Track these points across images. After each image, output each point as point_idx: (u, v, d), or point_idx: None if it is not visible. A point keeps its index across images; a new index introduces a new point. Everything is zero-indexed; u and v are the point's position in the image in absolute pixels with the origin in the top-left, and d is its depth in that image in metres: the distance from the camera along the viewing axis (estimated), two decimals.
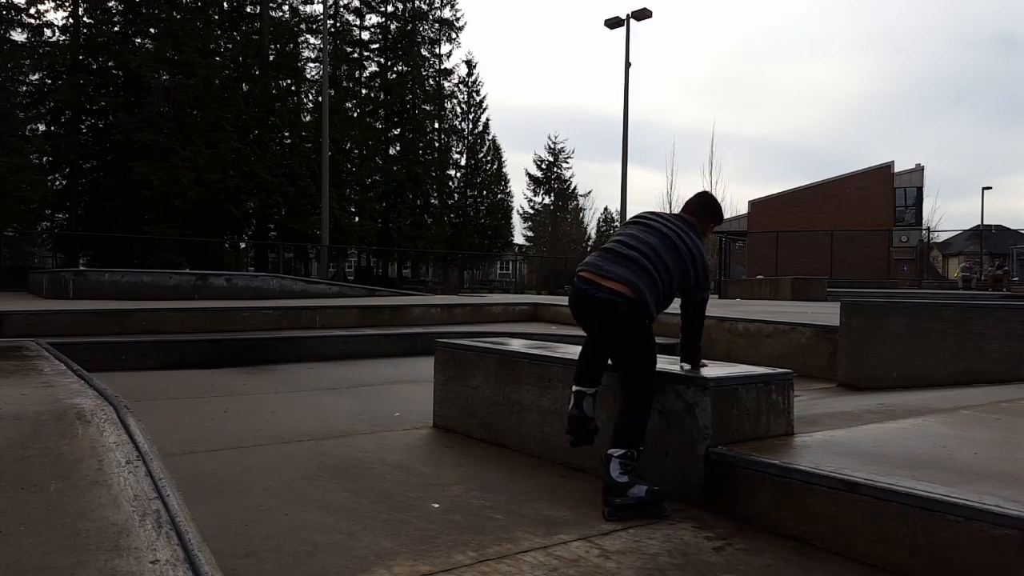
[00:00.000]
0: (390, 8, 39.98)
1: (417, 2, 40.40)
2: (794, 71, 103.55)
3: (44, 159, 29.71)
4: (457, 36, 42.32)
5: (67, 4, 29.31)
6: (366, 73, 40.24)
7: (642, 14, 26.43)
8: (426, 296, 18.66)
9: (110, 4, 29.96)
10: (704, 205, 3.40)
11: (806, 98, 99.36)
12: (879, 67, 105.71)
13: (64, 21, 29.75)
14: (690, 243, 3.16)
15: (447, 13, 41.48)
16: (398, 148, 40.22)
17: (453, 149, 44.16)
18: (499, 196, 45.79)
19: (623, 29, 26.93)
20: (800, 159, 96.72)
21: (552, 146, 51.19)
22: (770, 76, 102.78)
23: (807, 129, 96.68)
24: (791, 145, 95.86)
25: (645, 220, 3.28)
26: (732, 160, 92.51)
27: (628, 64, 27.20)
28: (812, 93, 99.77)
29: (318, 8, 35.80)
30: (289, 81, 34.95)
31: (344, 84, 37.85)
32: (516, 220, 48.44)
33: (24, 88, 29.40)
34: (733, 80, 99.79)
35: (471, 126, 45.18)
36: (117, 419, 2.74)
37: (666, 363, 3.62)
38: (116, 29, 29.74)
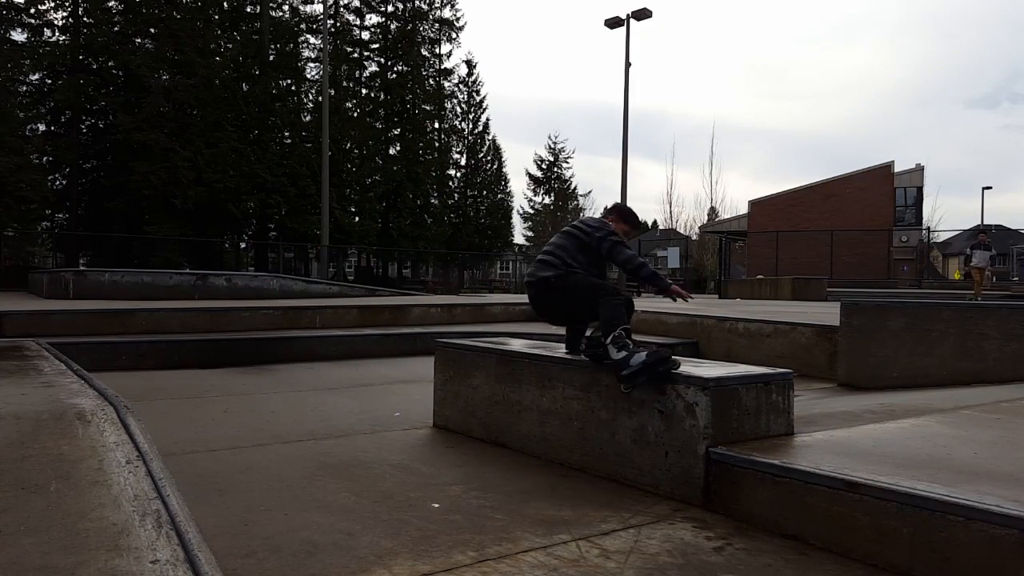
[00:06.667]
0: (390, 8, 40.00)
1: (417, 2, 40.41)
2: (829, 59, 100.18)
3: (44, 159, 29.67)
4: (457, 36, 42.38)
5: (67, 4, 29.32)
6: (366, 73, 40.25)
7: (642, 14, 26.41)
8: (426, 296, 18.67)
9: (110, 4, 29.96)
10: (614, 209, 4.27)
11: (839, 88, 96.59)
12: (917, 55, 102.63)
13: (64, 21, 29.76)
14: (583, 226, 3.94)
15: (447, 13, 41.54)
16: (398, 148, 40.22)
17: (453, 149, 44.18)
18: (499, 196, 45.81)
19: (633, 25, 26.90)
20: (824, 154, 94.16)
21: (552, 146, 51.24)
22: (803, 65, 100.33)
23: (836, 122, 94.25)
24: (818, 139, 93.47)
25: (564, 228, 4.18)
26: (753, 155, 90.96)
27: (628, 64, 27.19)
28: (847, 82, 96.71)
29: (318, 8, 35.84)
30: (289, 81, 34.96)
31: (344, 84, 37.87)
32: (516, 220, 48.49)
33: (24, 88, 29.37)
34: (757, 72, 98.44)
35: (471, 126, 45.21)
36: (117, 419, 2.74)
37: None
38: (116, 29, 29.71)
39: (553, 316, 4.07)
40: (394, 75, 39.70)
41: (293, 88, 35.51)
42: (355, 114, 37.00)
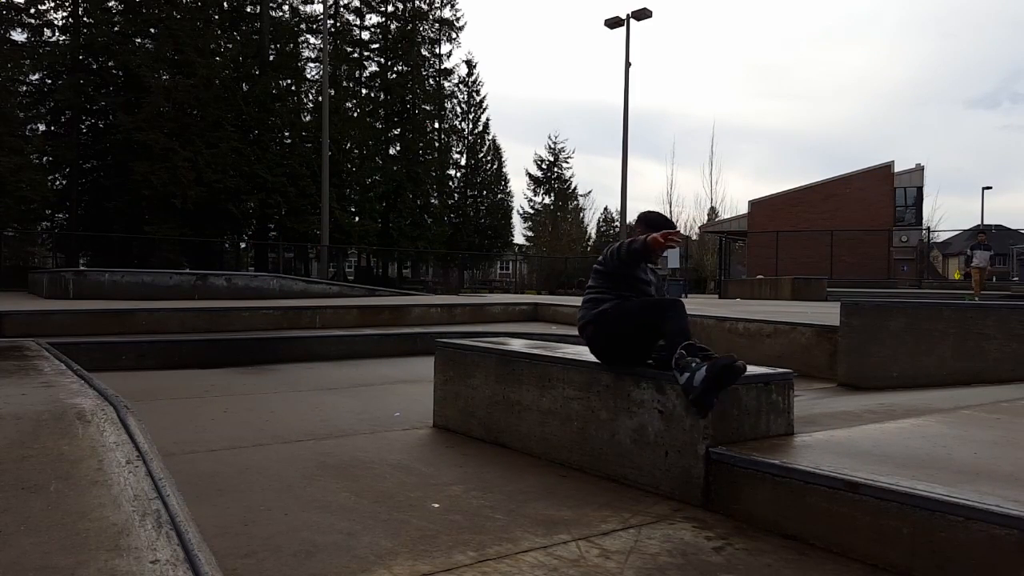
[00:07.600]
0: (390, 8, 40.01)
1: (417, 2, 40.42)
2: (829, 59, 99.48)
3: (44, 159, 29.69)
4: (457, 36, 42.41)
5: (67, 4, 29.32)
6: (366, 73, 40.25)
7: (642, 14, 26.41)
8: (426, 296, 18.67)
9: (110, 4, 29.97)
10: (638, 220, 3.97)
11: (839, 88, 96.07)
12: (917, 55, 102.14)
13: (64, 21, 29.76)
14: (600, 258, 3.72)
15: (447, 13, 41.56)
16: (398, 148, 40.23)
17: (453, 149, 44.19)
18: (499, 196, 45.81)
19: (633, 24, 26.89)
20: (824, 154, 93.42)
21: (552, 146, 51.26)
22: (803, 65, 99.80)
23: (836, 122, 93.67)
24: (818, 139, 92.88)
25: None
26: (753, 155, 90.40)
27: (628, 64, 27.20)
28: (847, 82, 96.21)
29: (318, 8, 35.85)
30: (289, 81, 34.96)
31: (344, 84, 37.87)
32: (516, 220, 48.49)
33: (24, 88, 29.38)
34: (757, 72, 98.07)
35: (471, 126, 45.21)
36: (117, 419, 2.73)
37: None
38: (116, 29, 29.72)
39: (619, 351, 3.54)
40: (394, 75, 39.70)
41: (293, 88, 35.51)
42: (355, 114, 37.00)
